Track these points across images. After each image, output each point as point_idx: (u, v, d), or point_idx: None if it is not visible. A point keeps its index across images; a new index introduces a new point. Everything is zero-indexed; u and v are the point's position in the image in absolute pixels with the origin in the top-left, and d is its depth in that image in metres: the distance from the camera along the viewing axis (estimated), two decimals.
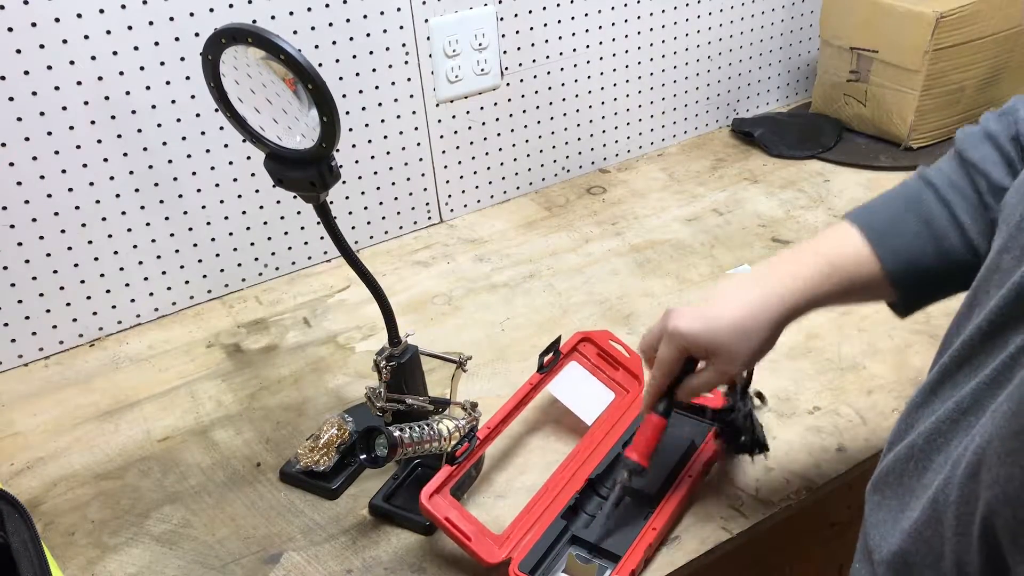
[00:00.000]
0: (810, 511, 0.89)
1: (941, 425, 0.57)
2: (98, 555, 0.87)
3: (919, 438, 0.59)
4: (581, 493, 0.85)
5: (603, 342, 0.99)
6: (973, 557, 0.49)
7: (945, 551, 0.51)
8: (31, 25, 0.98)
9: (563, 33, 1.35)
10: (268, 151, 0.78)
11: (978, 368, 0.56)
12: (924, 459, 0.58)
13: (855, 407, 0.96)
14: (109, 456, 0.98)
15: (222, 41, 0.71)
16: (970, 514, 0.48)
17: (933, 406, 0.60)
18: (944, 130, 1.45)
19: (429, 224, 1.37)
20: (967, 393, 0.56)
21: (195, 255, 1.19)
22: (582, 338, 0.98)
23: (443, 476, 0.82)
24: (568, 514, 0.84)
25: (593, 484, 0.87)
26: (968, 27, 1.35)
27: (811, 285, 0.75)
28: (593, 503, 0.86)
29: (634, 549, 0.79)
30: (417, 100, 1.27)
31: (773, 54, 1.59)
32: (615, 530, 0.82)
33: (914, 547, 0.54)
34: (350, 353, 1.11)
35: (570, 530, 0.83)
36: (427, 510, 0.79)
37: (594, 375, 0.98)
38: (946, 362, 0.59)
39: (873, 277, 0.74)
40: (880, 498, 0.62)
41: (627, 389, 0.98)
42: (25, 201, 1.05)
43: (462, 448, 0.84)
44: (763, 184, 1.41)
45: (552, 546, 0.81)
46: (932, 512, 0.52)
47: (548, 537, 0.81)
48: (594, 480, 0.87)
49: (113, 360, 1.13)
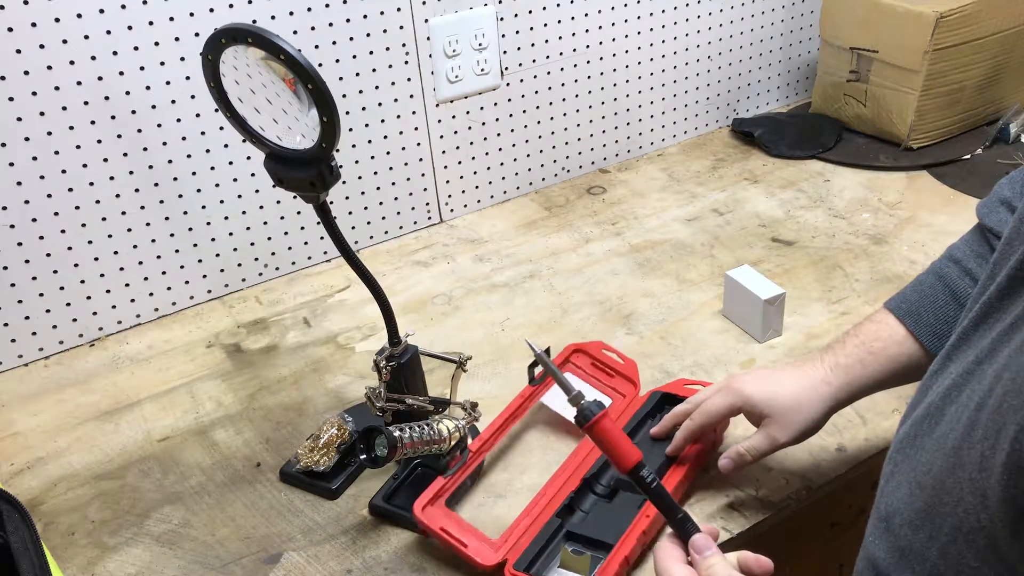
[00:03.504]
0: (810, 511, 0.89)
1: (957, 379, 0.57)
2: (98, 555, 0.87)
3: (936, 398, 0.59)
4: (576, 491, 0.85)
5: (596, 352, 0.99)
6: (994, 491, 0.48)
7: (964, 494, 0.51)
8: (31, 25, 0.98)
9: (563, 33, 1.35)
10: (268, 151, 0.78)
11: (995, 325, 0.56)
12: (938, 414, 0.58)
13: (855, 407, 0.96)
14: (109, 456, 0.98)
15: (222, 41, 0.71)
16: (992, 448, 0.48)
17: (949, 369, 0.60)
18: (944, 130, 1.45)
19: (429, 224, 1.37)
20: (984, 346, 0.56)
21: (195, 255, 1.19)
22: (575, 349, 0.98)
23: (436, 488, 0.82)
24: (563, 512, 0.84)
25: (589, 482, 0.87)
26: (968, 27, 1.35)
27: (853, 375, 0.80)
28: (588, 500, 0.86)
29: (627, 536, 0.78)
30: (417, 100, 1.27)
31: (773, 54, 1.59)
32: (609, 522, 0.82)
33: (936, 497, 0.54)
34: (350, 353, 1.11)
35: (565, 527, 0.83)
36: (421, 521, 0.80)
37: (589, 383, 0.98)
38: (965, 325, 0.60)
39: (913, 353, 0.79)
40: (893, 467, 0.61)
41: (623, 394, 0.98)
42: (25, 201, 1.05)
43: (454, 460, 0.84)
44: (763, 184, 1.41)
45: (547, 543, 0.81)
46: (955, 457, 0.52)
47: (543, 535, 0.81)
48: (590, 479, 0.87)
49: (113, 360, 1.13)
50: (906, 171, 1.40)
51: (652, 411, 0.95)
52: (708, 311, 1.13)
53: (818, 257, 1.22)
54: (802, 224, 1.30)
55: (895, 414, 0.95)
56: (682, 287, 1.18)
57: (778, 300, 1.05)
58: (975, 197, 1.31)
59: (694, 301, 1.15)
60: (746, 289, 1.06)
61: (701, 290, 1.17)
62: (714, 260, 1.23)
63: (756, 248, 1.25)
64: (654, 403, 0.95)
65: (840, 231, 1.27)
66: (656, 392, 0.97)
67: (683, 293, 1.17)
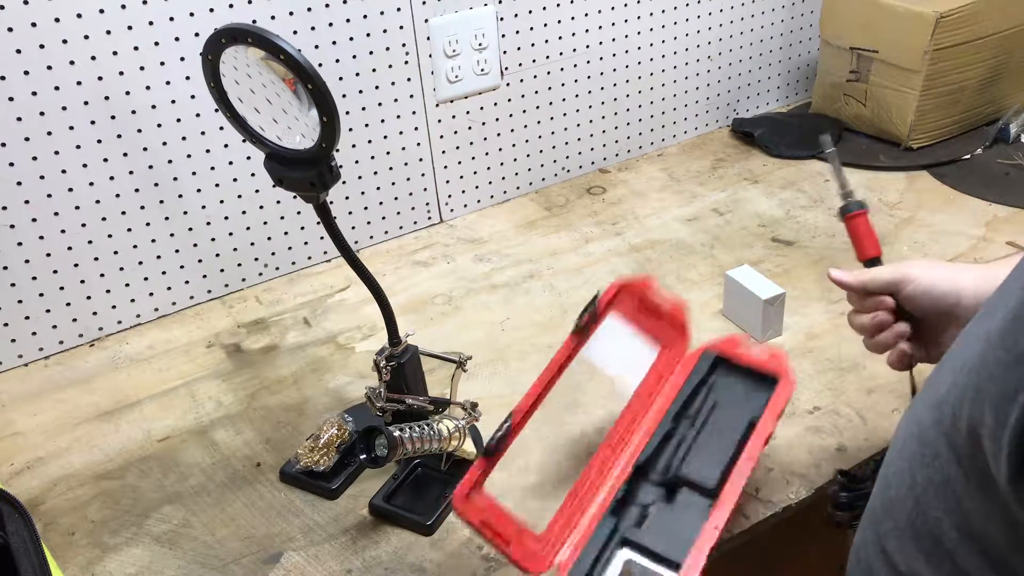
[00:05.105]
0: (810, 511, 0.89)
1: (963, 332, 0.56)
2: (98, 555, 0.87)
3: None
4: (629, 482, 0.76)
5: (643, 291, 0.86)
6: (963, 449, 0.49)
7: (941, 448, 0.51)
8: (31, 25, 0.98)
9: (563, 33, 1.35)
10: (268, 151, 0.78)
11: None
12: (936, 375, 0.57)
13: (855, 407, 0.96)
14: (109, 456, 0.99)
15: (222, 41, 0.71)
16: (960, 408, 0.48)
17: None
18: (944, 130, 1.45)
19: (429, 224, 1.37)
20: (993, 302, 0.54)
21: (195, 255, 1.19)
22: (619, 288, 0.84)
23: (477, 472, 0.71)
24: (617, 508, 0.75)
25: (642, 470, 0.78)
26: (968, 27, 1.35)
27: None
28: (643, 491, 0.77)
29: (696, 554, 0.69)
30: (417, 100, 1.27)
31: (773, 54, 1.59)
32: (672, 530, 0.73)
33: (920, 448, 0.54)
34: (350, 353, 1.11)
35: (620, 529, 0.74)
36: (463, 515, 0.70)
37: (633, 329, 0.86)
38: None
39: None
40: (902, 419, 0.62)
41: (669, 344, 0.87)
42: (25, 201, 1.05)
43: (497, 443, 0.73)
44: (763, 184, 1.41)
45: (601, 551, 0.72)
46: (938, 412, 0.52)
47: (596, 541, 0.73)
48: (643, 465, 0.78)
49: (113, 360, 1.13)
50: (906, 171, 1.40)
51: (705, 377, 0.85)
52: (708, 311, 1.13)
53: (818, 257, 1.22)
54: (802, 224, 1.30)
55: (895, 414, 0.95)
56: (682, 287, 1.18)
57: (778, 300, 1.05)
58: (975, 197, 1.32)
59: (694, 301, 1.15)
60: (746, 289, 1.06)
61: (701, 290, 1.17)
62: (714, 260, 1.23)
63: (756, 248, 1.25)
64: (708, 366, 0.86)
65: (840, 231, 1.26)
66: (709, 352, 0.87)
67: (683, 293, 1.17)
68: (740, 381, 0.85)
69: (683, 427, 0.82)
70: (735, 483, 0.75)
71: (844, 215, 0.89)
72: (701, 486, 0.76)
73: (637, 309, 0.86)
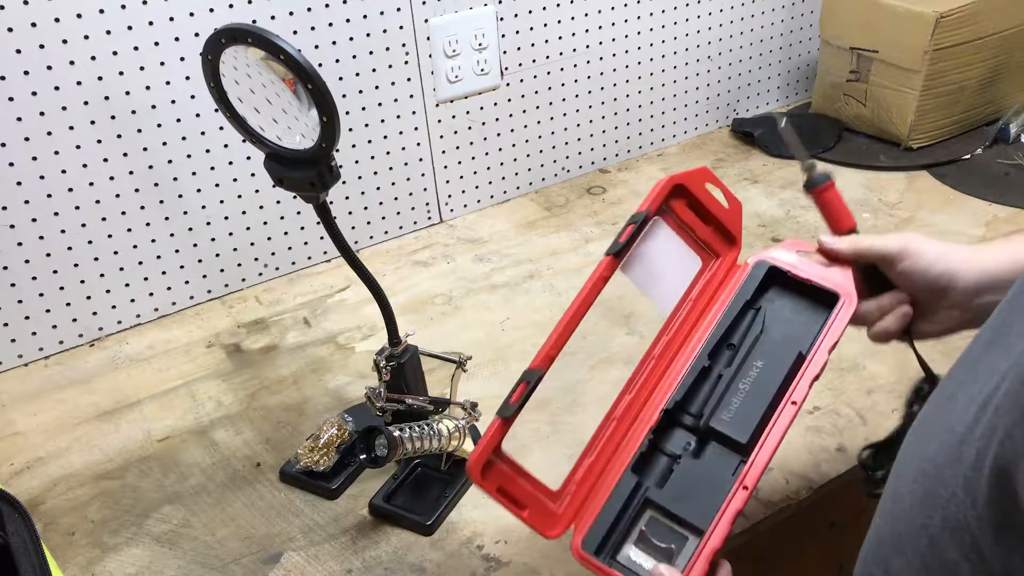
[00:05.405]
0: (810, 511, 0.89)
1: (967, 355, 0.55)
2: (98, 555, 0.87)
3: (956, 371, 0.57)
4: (655, 431, 0.66)
5: (698, 187, 0.74)
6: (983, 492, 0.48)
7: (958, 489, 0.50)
8: (31, 25, 0.98)
9: (563, 33, 1.35)
10: (268, 151, 0.78)
11: None
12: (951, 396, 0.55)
13: (855, 407, 0.96)
14: (109, 456, 0.99)
15: (222, 41, 0.71)
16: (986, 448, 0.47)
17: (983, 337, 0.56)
18: (944, 130, 1.45)
19: (429, 224, 1.37)
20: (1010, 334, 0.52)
21: (195, 255, 1.19)
22: (674, 186, 0.72)
23: (495, 436, 0.63)
24: (639, 464, 0.66)
25: (672, 415, 0.67)
26: (968, 27, 1.35)
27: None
28: (673, 440, 0.67)
29: (719, 520, 0.62)
30: (417, 100, 1.27)
31: (773, 54, 1.59)
32: (698, 491, 0.64)
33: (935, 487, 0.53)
34: (350, 353, 1.11)
35: (643, 487, 0.65)
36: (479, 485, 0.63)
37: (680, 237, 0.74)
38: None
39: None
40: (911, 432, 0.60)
41: (717, 252, 0.75)
42: (25, 201, 1.05)
43: (516, 394, 0.63)
44: (763, 184, 1.41)
45: (622, 512, 0.64)
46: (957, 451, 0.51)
47: (615, 501, 0.64)
48: (672, 410, 0.67)
49: (113, 360, 1.13)
50: (906, 171, 1.41)
51: (754, 296, 0.73)
52: None
53: None
54: (802, 224, 1.30)
55: (895, 414, 0.95)
56: None
57: None
58: (975, 197, 1.32)
59: None
60: None
61: None
62: None
63: (756, 248, 1.25)
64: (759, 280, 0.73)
65: None
66: (763, 263, 0.74)
67: None
68: (792, 301, 0.73)
69: (721, 363, 0.71)
70: (772, 437, 0.65)
71: (811, 189, 0.79)
72: (733, 440, 0.66)
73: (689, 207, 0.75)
